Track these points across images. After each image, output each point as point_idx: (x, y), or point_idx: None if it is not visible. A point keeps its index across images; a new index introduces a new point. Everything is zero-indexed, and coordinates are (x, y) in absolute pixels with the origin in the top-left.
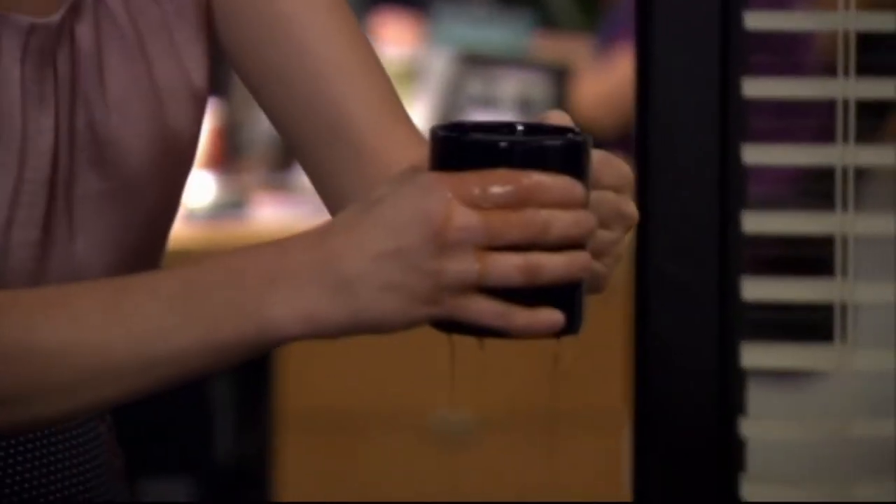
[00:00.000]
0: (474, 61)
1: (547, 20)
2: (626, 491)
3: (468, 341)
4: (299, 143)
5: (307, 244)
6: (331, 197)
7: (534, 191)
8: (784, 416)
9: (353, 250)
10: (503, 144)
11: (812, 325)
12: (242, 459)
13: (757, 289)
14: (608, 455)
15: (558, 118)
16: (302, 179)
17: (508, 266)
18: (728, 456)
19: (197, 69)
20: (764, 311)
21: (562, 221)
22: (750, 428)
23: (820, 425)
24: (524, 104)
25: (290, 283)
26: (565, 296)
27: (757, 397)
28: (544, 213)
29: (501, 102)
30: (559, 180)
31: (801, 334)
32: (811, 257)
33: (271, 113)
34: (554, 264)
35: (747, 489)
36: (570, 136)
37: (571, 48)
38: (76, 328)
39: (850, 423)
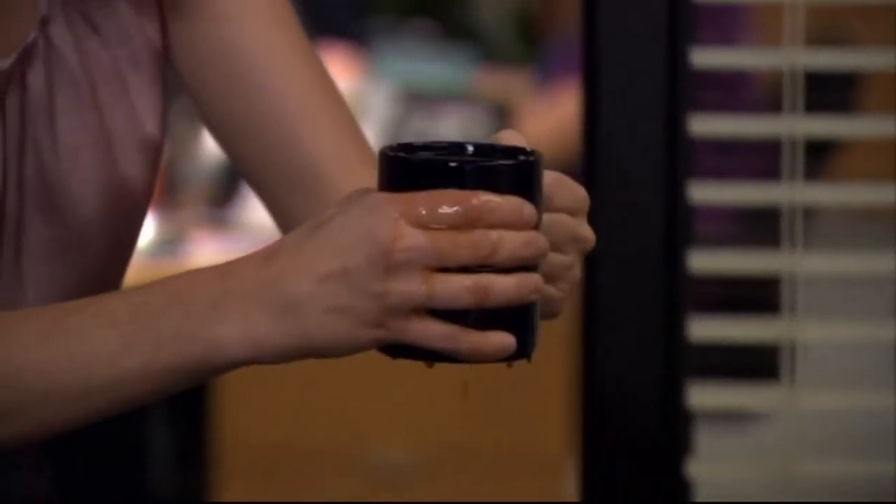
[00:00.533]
0: (415, 97)
1: (487, 54)
2: None
3: (415, 380)
4: (264, 186)
5: (253, 265)
6: None
7: (483, 211)
8: (732, 457)
9: (299, 271)
10: (452, 164)
11: (759, 365)
12: (179, 499)
13: (703, 328)
14: (549, 497)
15: (511, 138)
16: (241, 216)
17: (456, 287)
18: (675, 495)
19: (150, 117)
20: (711, 351)
21: (512, 242)
22: (697, 468)
23: (767, 465)
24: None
25: (235, 305)
26: (517, 319)
27: (705, 438)
28: (494, 234)
29: (443, 139)
30: (509, 200)
31: (748, 373)
32: (758, 296)
33: (237, 158)
34: (504, 285)
35: None
36: (521, 156)
37: (512, 83)
38: (19, 351)
39: (798, 463)
